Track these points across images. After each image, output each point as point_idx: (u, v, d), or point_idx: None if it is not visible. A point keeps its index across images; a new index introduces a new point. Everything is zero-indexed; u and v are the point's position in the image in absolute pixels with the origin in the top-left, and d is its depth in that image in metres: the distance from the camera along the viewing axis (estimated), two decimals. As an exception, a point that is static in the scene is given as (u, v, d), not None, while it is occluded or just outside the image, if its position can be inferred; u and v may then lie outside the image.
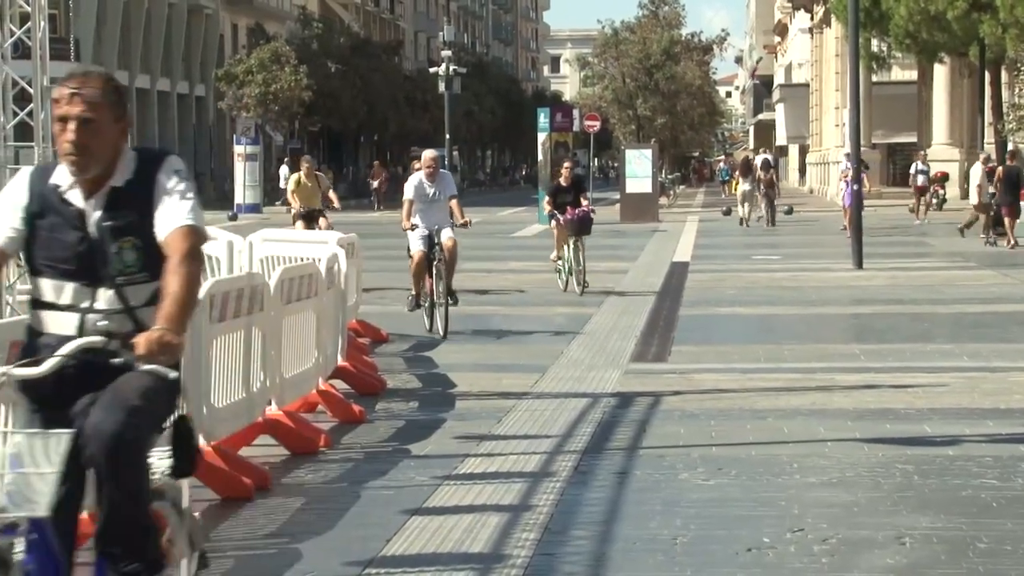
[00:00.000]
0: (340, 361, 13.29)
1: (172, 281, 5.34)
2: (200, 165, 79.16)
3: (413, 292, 17.77)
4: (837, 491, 9.30)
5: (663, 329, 18.21)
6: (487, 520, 8.62)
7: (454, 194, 18.08)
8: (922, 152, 49.49)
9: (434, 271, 17.50)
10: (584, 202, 22.83)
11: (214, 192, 77.33)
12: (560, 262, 23.09)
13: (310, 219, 23.26)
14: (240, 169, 62.43)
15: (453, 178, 18.89)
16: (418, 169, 18.49)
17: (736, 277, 25.64)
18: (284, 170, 71.05)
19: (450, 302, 17.38)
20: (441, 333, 17.18)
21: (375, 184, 66.34)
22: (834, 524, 8.47)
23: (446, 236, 17.59)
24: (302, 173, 23.91)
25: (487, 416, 12.04)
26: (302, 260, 14.37)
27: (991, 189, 34.77)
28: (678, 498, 9.18)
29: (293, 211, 23.99)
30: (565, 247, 22.84)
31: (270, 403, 10.88)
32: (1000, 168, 34.98)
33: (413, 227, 17.62)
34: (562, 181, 23.36)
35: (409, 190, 17.86)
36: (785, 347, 16.30)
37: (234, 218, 53.43)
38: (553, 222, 23.51)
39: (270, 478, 9.68)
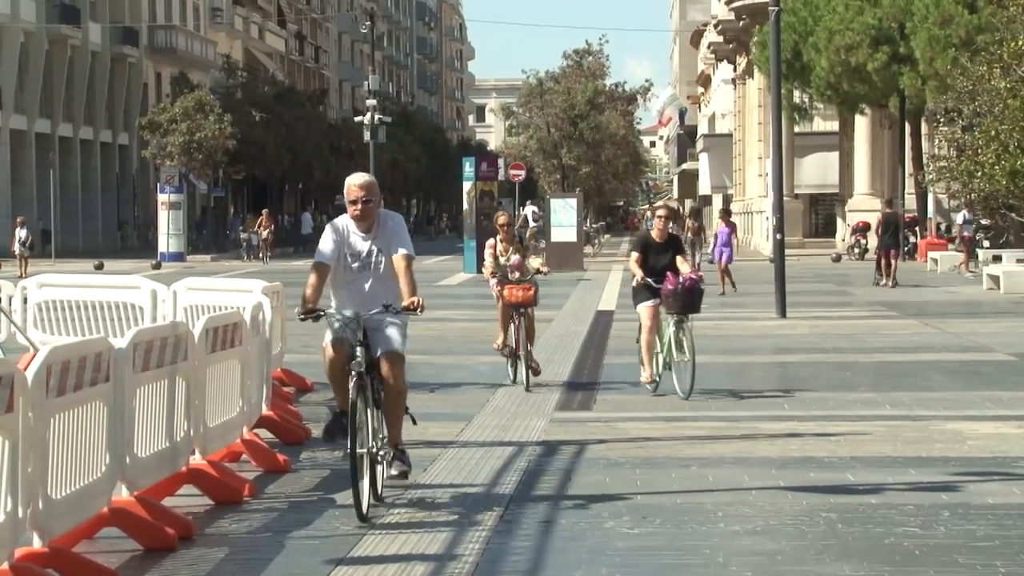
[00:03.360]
0: (264, 410, 13.23)
1: None
2: (124, 213, 78.77)
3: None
4: (761, 539, 9.33)
5: (588, 378, 18.24)
6: (412, 570, 8.60)
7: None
8: (966, 202, 45.85)
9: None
10: (686, 267, 16.41)
11: (137, 241, 76.93)
12: (506, 349, 17.50)
13: None
14: (164, 218, 62.20)
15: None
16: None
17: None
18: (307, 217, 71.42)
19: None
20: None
21: (264, 235, 61.77)
22: (758, 572, 8.50)
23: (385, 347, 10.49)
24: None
25: (413, 465, 11.99)
26: (227, 309, 14.29)
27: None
28: (603, 547, 9.19)
29: None
30: (654, 334, 16.39)
31: (194, 452, 10.80)
32: (879, 216, 38.37)
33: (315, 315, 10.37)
34: (655, 235, 16.68)
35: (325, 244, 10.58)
36: (710, 396, 16.35)
37: (158, 266, 53.17)
38: (496, 289, 17.59)
39: (194, 528, 9.61)
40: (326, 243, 10.49)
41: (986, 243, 49.31)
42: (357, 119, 74.25)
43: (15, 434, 7.85)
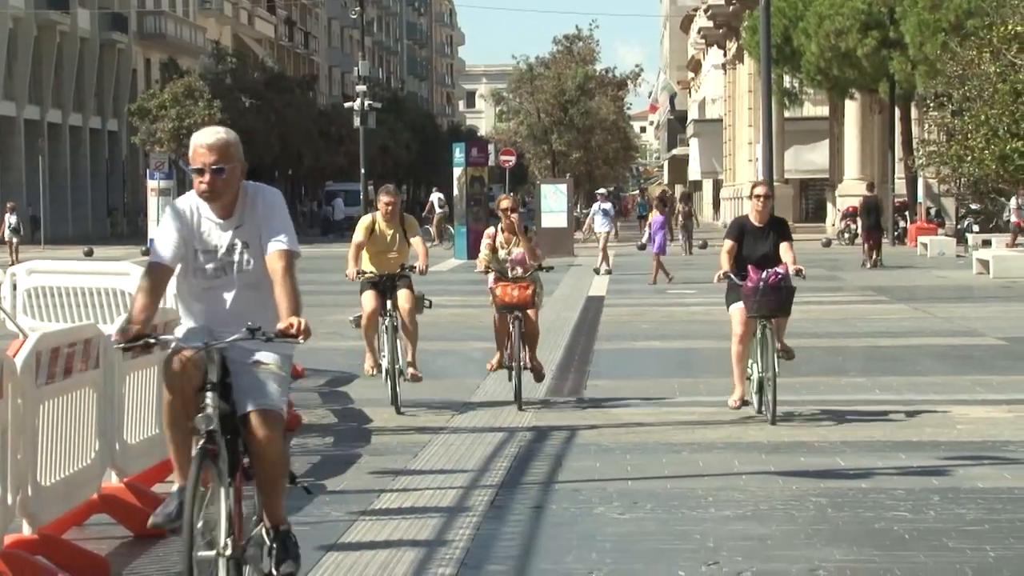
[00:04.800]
0: (255, 396, 13.18)
1: None
2: (113, 200, 78.60)
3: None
4: (752, 524, 9.34)
5: (579, 363, 18.25)
6: (403, 556, 8.60)
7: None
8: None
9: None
10: (789, 254, 13.85)
11: (127, 227, 76.78)
12: (507, 362, 14.80)
13: None
14: (154, 204, 61.97)
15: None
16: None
17: (652, 311, 25.75)
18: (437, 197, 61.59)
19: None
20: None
21: None
22: (749, 557, 8.50)
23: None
24: None
25: (403, 451, 12.01)
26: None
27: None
28: (594, 532, 9.19)
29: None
30: (746, 343, 13.79)
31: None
32: (860, 199, 39.24)
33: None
34: (753, 218, 13.97)
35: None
36: (700, 381, 16.36)
37: (147, 253, 52.96)
38: (491, 283, 14.98)
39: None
40: (165, 235, 7.24)
41: (975, 227, 49.40)
42: (347, 105, 74.11)
43: (4, 421, 7.83)
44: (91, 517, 9.24)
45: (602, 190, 47.40)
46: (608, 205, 40.65)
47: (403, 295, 14.46)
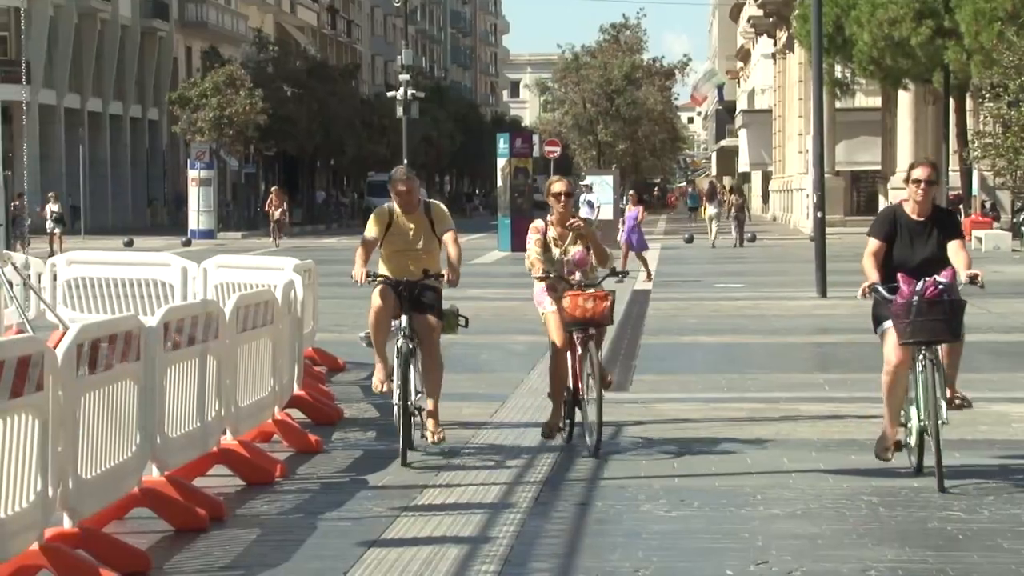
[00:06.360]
0: (296, 390, 13.12)
1: None
2: (153, 190, 78.91)
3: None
4: (801, 523, 9.20)
5: (624, 358, 18.09)
6: (446, 552, 8.50)
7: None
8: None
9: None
10: (960, 256, 10.54)
11: (167, 217, 77.00)
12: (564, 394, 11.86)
13: None
14: (194, 194, 62.18)
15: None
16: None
17: (698, 305, 25.56)
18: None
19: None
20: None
21: (276, 215, 55.67)
22: (798, 556, 8.37)
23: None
24: None
25: (447, 446, 11.87)
26: (258, 287, 14.18)
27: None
28: (640, 530, 9.07)
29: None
30: (901, 374, 10.46)
31: (225, 432, 10.69)
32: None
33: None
34: (909, 210, 10.68)
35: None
36: (748, 376, 16.19)
37: (188, 244, 53.16)
38: (541, 294, 11.85)
39: (225, 509, 9.52)
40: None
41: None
42: (390, 94, 74.19)
43: (45, 413, 7.77)
44: (132, 511, 9.15)
45: (586, 181, 47.24)
46: (593, 197, 40.46)
47: (424, 323, 11.41)
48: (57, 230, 48.04)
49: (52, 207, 48.91)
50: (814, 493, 10.05)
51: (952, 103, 52.71)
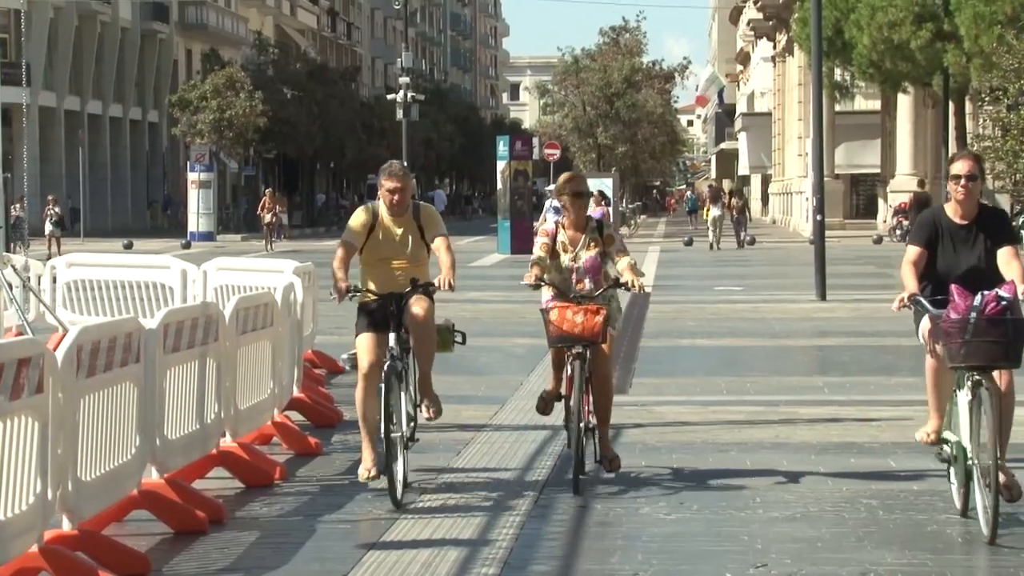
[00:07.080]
0: (296, 392, 13.12)
1: None
2: (153, 192, 78.87)
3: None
4: (801, 526, 9.20)
5: (624, 361, 18.07)
6: (446, 554, 8.50)
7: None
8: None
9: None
10: (1015, 265, 9.21)
11: (167, 220, 76.97)
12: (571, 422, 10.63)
13: None
14: (194, 196, 62.16)
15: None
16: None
17: (698, 308, 25.55)
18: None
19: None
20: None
21: (267, 218, 54.72)
22: (798, 560, 8.37)
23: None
24: None
25: (445, 449, 11.89)
26: (257, 289, 14.18)
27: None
28: (639, 533, 9.07)
29: None
30: (938, 370, 9.61)
31: (224, 435, 10.69)
32: (910, 196, 37.68)
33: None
34: (951, 212, 9.53)
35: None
36: (748, 379, 16.18)
37: (187, 246, 53.13)
38: (546, 301, 10.71)
39: (224, 511, 9.52)
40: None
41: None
42: (390, 97, 74.21)
43: (45, 415, 7.77)
44: (131, 513, 9.15)
45: (551, 187, 47.22)
46: (559, 203, 40.36)
47: (416, 304, 10.25)
48: (57, 233, 48.01)
49: (51, 210, 48.88)
50: (813, 496, 10.05)
51: (952, 106, 52.69)
